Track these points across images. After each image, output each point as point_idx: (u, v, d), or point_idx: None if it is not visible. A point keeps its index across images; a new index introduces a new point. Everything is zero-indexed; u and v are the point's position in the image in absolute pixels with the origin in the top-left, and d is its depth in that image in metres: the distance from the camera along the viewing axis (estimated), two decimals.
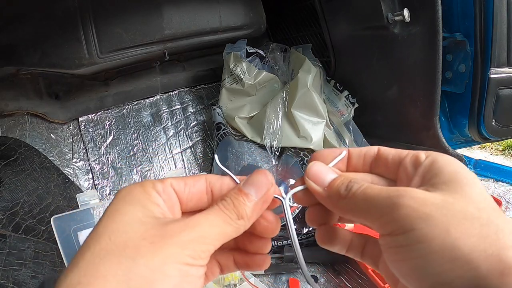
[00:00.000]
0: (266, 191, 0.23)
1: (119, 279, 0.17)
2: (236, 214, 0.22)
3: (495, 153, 2.07)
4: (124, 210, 0.21)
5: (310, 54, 1.02)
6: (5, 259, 0.57)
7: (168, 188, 0.23)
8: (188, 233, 0.20)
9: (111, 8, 0.87)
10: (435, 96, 0.75)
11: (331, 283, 0.67)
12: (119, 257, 0.18)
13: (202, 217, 0.21)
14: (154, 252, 0.19)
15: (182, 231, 0.20)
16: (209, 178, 0.25)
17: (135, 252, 0.18)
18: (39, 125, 0.92)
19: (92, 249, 0.19)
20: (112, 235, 0.19)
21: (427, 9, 0.70)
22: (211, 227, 0.21)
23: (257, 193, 0.23)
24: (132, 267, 0.18)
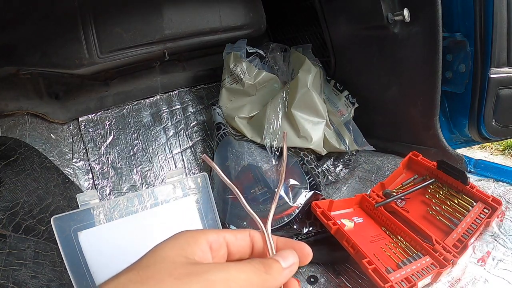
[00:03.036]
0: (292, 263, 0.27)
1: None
2: (264, 268, 0.24)
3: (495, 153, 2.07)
4: (162, 248, 0.22)
5: (310, 54, 1.02)
6: (5, 259, 0.57)
7: (221, 239, 0.25)
8: (214, 273, 0.21)
9: (111, 8, 0.87)
10: (435, 96, 0.75)
11: (331, 283, 0.67)
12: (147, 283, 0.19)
13: (232, 263, 0.23)
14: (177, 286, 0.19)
15: (209, 271, 0.21)
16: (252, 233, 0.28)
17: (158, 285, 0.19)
18: (39, 125, 0.92)
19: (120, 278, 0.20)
20: (141, 269, 0.20)
21: (427, 9, 0.70)
22: (239, 272, 0.22)
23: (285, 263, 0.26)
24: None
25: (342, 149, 0.92)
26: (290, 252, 0.27)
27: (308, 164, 0.84)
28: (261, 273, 0.23)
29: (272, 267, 0.24)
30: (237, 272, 0.22)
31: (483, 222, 0.62)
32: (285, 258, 0.26)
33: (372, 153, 0.94)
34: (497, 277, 0.56)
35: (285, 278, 0.25)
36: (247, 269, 0.23)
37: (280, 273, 0.25)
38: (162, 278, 0.20)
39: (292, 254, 0.27)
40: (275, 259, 0.25)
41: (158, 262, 0.21)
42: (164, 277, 0.20)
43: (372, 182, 0.87)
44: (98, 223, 0.56)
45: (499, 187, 0.71)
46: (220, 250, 0.25)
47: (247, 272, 0.22)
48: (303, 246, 0.28)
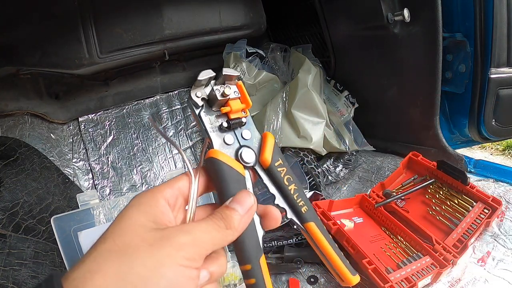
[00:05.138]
0: (250, 207, 0.26)
1: (117, 276, 0.20)
2: (225, 224, 0.25)
3: (495, 153, 2.07)
4: (129, 215, 0.23)
5: (310, 54, 1.02)
6: (5, 259, 0.57)
7: (175, 191, 0.26)
8: (183, 236, 0.22)
9: (111, 8, 0.87)
10: (435, 96, 0.75)
11: (331, 283, 0.67)
12: (120, 256, 0.21)
13: (196, 224, 0.24)
14: (152, 252, 0.21)
15: (177, 235, 0.22)
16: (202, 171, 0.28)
17: (134, 252, 0.21)
18: (39, 125, 0.92)
19: (98, 249, 0.21)
20: (116, 237, 0.22)
21: (427, 9, 0.70)
22: (203, 233, 0.24)
23: (242, 208, 0.26)
24: (130, 266, 0.20)
25: (342, 149, 0.92)
26: (245, 194, 0.26)
27: (308, 164, 0.84)
28: (222, 230, 0.24)
29: (231, 220, 0.25)
30: (202, 233, 0.23)
31: (483, 222, 0.62)
32: (241, 202, 0.26)
33: (372, 153, 0.94)
34: (497, 277, 0.56)
35: (245, 225, 0.26)
36: (210, 229, 0.24)
37: (239, 223, 0.25)
38: (137, 244, 0.21)
39: (247, 195, 0.26)
40: (232, 207, 0.26)
41: (130, 229, 0.22)
42: (138, 243, 0.21)
43: (372, 182, 0.87)
44: (98, 223, 0.56)
45: (499, 187, 0.71)
46: (177, 203, 0.26)
47: (210, 232, 0.24)
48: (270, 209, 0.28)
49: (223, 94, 0.27)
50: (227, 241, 0.25)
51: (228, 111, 0.27)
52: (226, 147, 0.27)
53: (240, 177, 0.27)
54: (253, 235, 0.27)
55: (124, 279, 0.20)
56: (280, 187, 0.29)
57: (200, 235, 0.23)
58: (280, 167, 0.28)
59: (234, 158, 0.27)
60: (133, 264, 0.20)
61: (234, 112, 0.27)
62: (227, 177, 0.26)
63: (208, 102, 0.28)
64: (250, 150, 0.28)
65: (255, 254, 0.26)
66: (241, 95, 0.28)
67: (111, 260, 0.20)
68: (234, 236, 0.25)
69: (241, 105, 0.28)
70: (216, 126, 0.27)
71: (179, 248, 0.22)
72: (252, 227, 0.27)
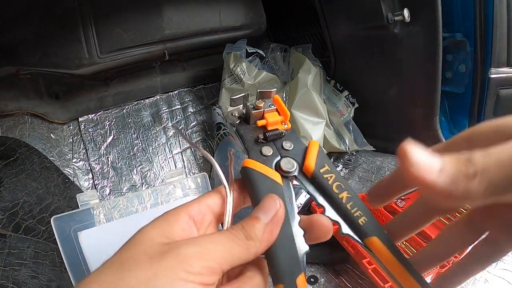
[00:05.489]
0: (275, 213, 0.23)
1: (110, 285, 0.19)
2: (244, 234, 0.22)
3: None
4: (144, 230, 0.22)
5: (310, 54, 1.02)
6: (5, 259, 0.57)
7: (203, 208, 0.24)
8: (187, 248, 0.20)
9: (111, 8, 0.87)
10: (435, 96, 0.75)
11: (331, 283, 0.67)
12: (118, 268, 0.20)
13: (207, 235, 0.22)
14: (151, 265, 0.19)
15: (181, 246, 0.20)
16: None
17: (133, 264, 0.20)
18: (39, 125, 0.92)
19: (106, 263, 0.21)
20: (123, 250, 0.21)
21: (427, 9, 0.70)
22: (215, 245, 0.21)
23: (266, 216, 0.22)
24: (124, 277, 0.19)
25: (342, 149, 0.92)
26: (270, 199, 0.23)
27: None
28: (242, 241, 0.21)
29: (252, 229, 0.22)
30: (214, 244, 0.21)
31: None
32: (265, 209, 0.23)
33: (372, 153, 0.94)
34: (497, 277, 0.56)
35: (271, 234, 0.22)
36: (224, 240, 0.21)
37: (263, 233, 0.22)
38: (139, 257, 0.20)
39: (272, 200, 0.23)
40: (255, 215, 0.22)
41: (138, 244, 0.21)
42: (140, 257, 0.20)
43: (372, 182, 0.87)
44: (98, 223, 0.56)
45: None
46: (205, 220, 0.23)
47: (223, 243, 0.21)
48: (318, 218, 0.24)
49: (255, 107, 0.27)
50: (250, 253, 0.22)
51: (264, 124, 0.27)
52: (264, 159, 0.26)
53: (277, 187, 0.24)
54: (291, 250, 0.23)
55: None
56: (329, 196, 0.25)
57: (211, 247, 0.21)
58: (327, 173, 0.25)
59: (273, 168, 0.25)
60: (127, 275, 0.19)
61: (271, 124, 0.27)
62: (260, 187, 0.24)
63: (245, 119, 0.27)
64: (291, 160, 0.26)
65: (290, 272, 0.22)
66: (278, 108, 0.27)
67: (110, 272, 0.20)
68: (258, 248, 0.22)
69: (279, 117, 0.27)
70: (253, 139, 0.27)
71: (181, 260, 0.19)
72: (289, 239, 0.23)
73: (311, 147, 0.26)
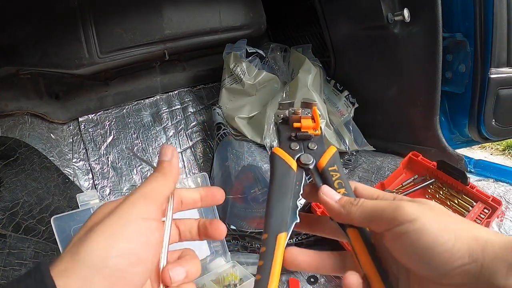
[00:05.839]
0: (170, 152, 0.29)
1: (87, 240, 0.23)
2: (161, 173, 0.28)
3: (495, 153, 2.07)
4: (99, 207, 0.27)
5: (310, 54, 1.02)
6: (5, 259, 0.57)
7: None
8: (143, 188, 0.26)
9: (111, 8, 0.87)
10: (435, 96, 0.75)
11: (331, 283, 0.67)
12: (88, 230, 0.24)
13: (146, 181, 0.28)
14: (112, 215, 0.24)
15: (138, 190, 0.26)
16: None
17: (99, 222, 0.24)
18: (39, 125, 0.92)
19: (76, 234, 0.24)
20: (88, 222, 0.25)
21: (427, 9, 0.70)
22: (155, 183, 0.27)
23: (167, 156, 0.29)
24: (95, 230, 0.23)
25: (342, 149, 0.92)
26: (163, 147, 0.30)
27: None
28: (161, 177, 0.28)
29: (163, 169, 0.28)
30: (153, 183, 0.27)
31: (483, 222, 0.62)
32: (164, 153, 0.30)
33: (372, 153, 0.94)
34: None
35: (176, 166, 0.29)
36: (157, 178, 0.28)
37: (170, 167, 0.29)
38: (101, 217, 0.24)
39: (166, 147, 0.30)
40: (161, 160, 0.29)
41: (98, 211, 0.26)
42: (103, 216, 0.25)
43: (372, 182, 0.87)
44: None
45: (499, 187, 0.71)
46: None
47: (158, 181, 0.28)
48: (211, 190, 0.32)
49: (295, 112, 0.34)
50: (172, 185, 0.28)
51: (299, 126, 0.33)
52: (290, 151, 0.32)
53: (291, 172, 0.31)
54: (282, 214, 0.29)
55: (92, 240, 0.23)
56: None
57: (155, 185, 0.27)
58: (333, 172, 0.31)
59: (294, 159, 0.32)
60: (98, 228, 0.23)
61: (304, 128, 0.33)
62: (278, 167, 0.31)
63: (286, 121, 0.35)
64: (310, 156, 0.32)
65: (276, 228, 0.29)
66: (313, 116, 0.34)
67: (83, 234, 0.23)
68: (175, 179, 0.28)
69: (312, 124, 0.33)
70: (287, 136, 0.33)
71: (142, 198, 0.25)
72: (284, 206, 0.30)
73: (329, 150, 0.32)
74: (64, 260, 0.22)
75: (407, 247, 0.24)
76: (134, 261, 0.23)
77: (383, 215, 0.26)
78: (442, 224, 0.24)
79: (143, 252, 0.24)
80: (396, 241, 0.25)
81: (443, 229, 0.23)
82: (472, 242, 0.23)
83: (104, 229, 0.23)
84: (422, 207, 0.25)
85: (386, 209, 0.26)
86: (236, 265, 0.68)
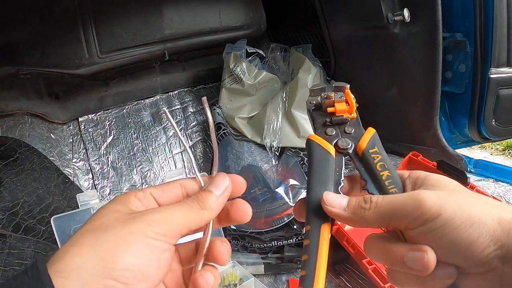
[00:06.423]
0: (225, 188, 0.28)
1: (92, 244, 0.22)
2: (199, 204, 0.26)
3: (495, 153, 2.07)
4: (107, 205, 0.26)
5: (310, 54, 1.02)
6: (5, 259, 0.57)
7: (148, 196, 0.27)
8: (153, 215, 0.24)
9: (111, 8, 0.87)
10: (435, 96, 0.75)
11: (331, 283, 0.67)
12: (94, 231, 0.23)
13: (167, 206, 0.26)
14: (123, 227, 0.23)
15: (148, 214, 0.24)
16: (183, 182, 0.29)
17: (107, 227, 0.23)
18: (39, 125, 0.92)
19: (78, 232, 0.24)
20: (93, 220, 0.24)
21: (427, 9, 0.70)
22: (174, 212, 0.25)
23: (218, 190, 0.27)
24: (103, 236, 0.23)
25: None
26: (221, 177, 0.28)
27: None
28: (196, 209, 0.26)
29: (206, 200, 0.26)
30: (173, 211, 0.25)
31: None
32: (217, 185, 0.28)
33: None
34: None
35: (221, 205, 0.27)
36: (182, 209, 0.26)
37: (215, 203, 0.27)
38: (111, 223, 0.24)
39: (223, 178, 0.28)
40: (208, 189, 0.27)
41: (106, 214, 0.25)
42: (112, 222, 0.24)
43: None
44: None
45: (499, 187, 0.71)
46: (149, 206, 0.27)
47: (182, 211, 0.25)
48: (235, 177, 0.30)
49: (327, 97, 0.32)
50: (203, 220, 0.26)
51: (333, 110, 0.32)
52: (326, 137, 0.31)
53: (330, 158, 0.29)
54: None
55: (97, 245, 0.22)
56: (372, 172, 0.29)
57: (172, 214, 0.25)
58: (374, 154, 0.29)
59: (332, 144, 0.30)
60: (106, 234, 0.23)
61: (338, 112, 0.32)
62: (316, 154, 0.30)
63: (319, 107, 0.33)
64: (348, 140, 0.31)
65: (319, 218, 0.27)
66: (347, 99, 0.32)
67: (87, 236, 0.23)
68: (210, 216, 0.27)
69: (346, 107, 0.32)
70: (321, 122, 0.32)
71: (148, 223, 0.24)
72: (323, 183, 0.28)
73: (367, 132, 0.31)
74: (63, 258, 0.21)
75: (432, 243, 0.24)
76: (140, 277, 0.22)
77: (403, 214, 0.24)
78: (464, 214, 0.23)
79: (151, 269, 0.23)
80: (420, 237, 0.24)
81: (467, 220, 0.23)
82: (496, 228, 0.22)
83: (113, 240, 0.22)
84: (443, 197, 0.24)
85: (405, 207, 0.24)
86: (236, 265, 0.68)
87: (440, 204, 0.23)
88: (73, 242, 0.23)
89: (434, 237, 0.23)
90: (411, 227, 0.24)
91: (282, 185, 0.77)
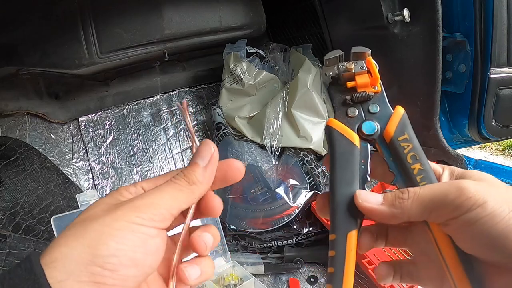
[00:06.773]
0: (210, 156, 0.26)
1: (77, 234, 0.22)
2: (187, 181, 0.25)
3: (495, 153, 2.07)
4: (97, 200, 0.26)
5: (310, 54, 1.02)
6: (5, 259, 0.57)
7: (140, 191, 0.26)
8: (139, 200, 0.24)
9: (111, 8, 0.87)
10: (435, 96, 0.75)
11: None
12: (82, 222, 0.23)
13: (154, 189, 0.25)
14: (109, 215, 0.23)
15: (134, 200, 0.24)
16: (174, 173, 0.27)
17: (94, 217, 0.23)
18: (39, 125, 0.92)
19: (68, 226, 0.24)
20: (82, 214, 0.24)
21: (427, 9, 0.70)
22: (162, 194, 0.24)
23: (203, 160, 0.26)
24: (88, 225, 0.23)
25: None
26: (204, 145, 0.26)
27: (308, 164, 0.84)
28: (184, 187, 0.25)
29: (193, 174, 0.25)
30: (160, 194, 0.24)
31: None
32: (201, 155, 0.26)
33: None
34: None
35: (210, 176, 0.26)
36: (170, 190, 0.24)
37: (203, 176, 0.25)
38: (97, 213, 0.24)
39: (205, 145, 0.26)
40: (194, 161, 0.26)
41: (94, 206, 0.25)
42: (98, 212, 0.24)
43: (372, 182, 0.87)
44: None
45: None
46: None
47: (170, 193, 0.24)
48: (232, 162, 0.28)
49: (346, 68, 0.27)
50: (194, 196, 0.25)
51: (353, 85, 0.27)
52: (348, 120, 0.27)
53: (354, 149, 0.26)
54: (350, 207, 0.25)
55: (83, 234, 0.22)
56: (401, 164, 0.25)
57: (159, 196, 0.24)
58: (404, 141, 0.25)
59: (354, 130, 0.26)
60: (92, 224, 0.23)
61: (360, 87, 0.27)
62: (337, 144, 0.26)
63: (337, 80, 0.28)
64: (373, 123, 0.26)
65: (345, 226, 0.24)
66: (369, 69, 0.27)
67: (73, 227, 0.23)
68: (201, 190, 0.25)
69: (369, 79, 0.27)
70: (341, 101, 0.27)
71: (134, 210, 0.23)
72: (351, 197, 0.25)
73: (396, 113, 0.26)
74: (54, 250, 0.22)
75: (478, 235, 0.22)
76: (127, 263, 0.22)
77: (446, 202, 0.22)
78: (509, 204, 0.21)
79: (137, 255, 0.22)
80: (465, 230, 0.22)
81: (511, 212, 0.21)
82: None
83: (98, 228, 0.22)
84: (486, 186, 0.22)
85: (448, 195, 0.22)
86: (236, 265, 0.68)
87: (485, 192, 0.22)
88: (62, 234, 0.23)
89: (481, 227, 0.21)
90: (455, 216, 0.22)
91: (282, 185, 0.77)
